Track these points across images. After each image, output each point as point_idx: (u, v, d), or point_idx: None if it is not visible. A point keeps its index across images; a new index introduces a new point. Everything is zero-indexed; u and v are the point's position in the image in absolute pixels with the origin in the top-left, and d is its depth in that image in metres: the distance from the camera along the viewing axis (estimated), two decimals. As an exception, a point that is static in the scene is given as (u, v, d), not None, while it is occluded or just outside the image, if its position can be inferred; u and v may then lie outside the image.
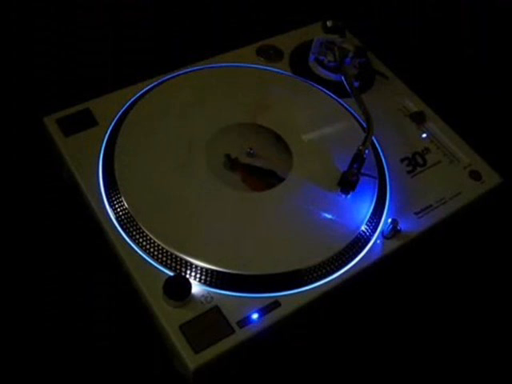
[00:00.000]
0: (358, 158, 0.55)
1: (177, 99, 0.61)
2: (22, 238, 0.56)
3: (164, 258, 0.49)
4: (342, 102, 0.64)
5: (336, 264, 0.51)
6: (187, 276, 0.48)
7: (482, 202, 0.60)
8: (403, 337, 0.55)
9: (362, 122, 0.62)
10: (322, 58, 0.66)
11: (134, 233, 0.50)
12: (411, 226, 0.55)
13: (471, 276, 0.61)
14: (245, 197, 0.54)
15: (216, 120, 0.59)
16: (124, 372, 0.50)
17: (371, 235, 0.54)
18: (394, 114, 0.65)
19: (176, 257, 0.49)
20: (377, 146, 0.61)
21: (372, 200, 0.56)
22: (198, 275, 0.49)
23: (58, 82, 0.69)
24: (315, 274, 0.50)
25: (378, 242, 0.54)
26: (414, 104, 0.66)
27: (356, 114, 0.63)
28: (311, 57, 0.67)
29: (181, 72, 0.64)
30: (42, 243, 0.56)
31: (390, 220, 0.53)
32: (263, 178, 0.56)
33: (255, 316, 0.47)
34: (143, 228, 0.50)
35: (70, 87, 0.68)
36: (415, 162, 0.61)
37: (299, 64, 0.67)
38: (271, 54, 0.68)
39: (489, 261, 0.62)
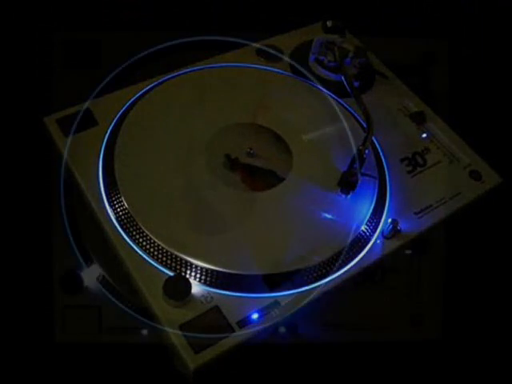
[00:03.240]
0: (358, 158, 0.55)
1: (177, 99, 0.61)
2: (22, 238, 0.56)
3: (164, 258, 0.49)
4: (342, 102, 0.64)
5: (336, 264, 0.51)
6: (187, 276, 0.48)
7: (481, 202, 0.60)
8: (403, 337, 0.55)
9: (362, 122, 0.62)
10: (321, 57, 0.66)
11: (134, 233, 0.50)
12: (411, 225, 0.55)
13: (471, 276, 0.61)
14: (245, 197, 0.54)
15: (216, 120, 0.59)
16: (124, 372, 0.50)
17: (371, 235, 0.54)
18: (393, 114, 0.65)
19: (176, 257, 0.49)
20: (377, 146, 0.61)
21: (372, 200, 0.56)
22: (198, 275, 0.49)
23: (58, 82, 0.69)
24: (315, 274, 0.50)
25: (378, 242, 0.54)
26: (413, 104, 0.66)
27: (356, 114, 0.63)
28: (311, 57, 0.67)
29: (181, 72, 0.64)
30: (41, 243, 0.56)
31: (390, 220, 0.53)
32: (263, 178, 0.56)
33: (255, 316, 0.47)
34: (143, 228, 0.50)
35: (70, 87, 0.68)
36: (415, 162, 0.61)
37: (299, 64, 0.67)
38: (271, 54, 0.68)
39: (489, 261, 0.62)
